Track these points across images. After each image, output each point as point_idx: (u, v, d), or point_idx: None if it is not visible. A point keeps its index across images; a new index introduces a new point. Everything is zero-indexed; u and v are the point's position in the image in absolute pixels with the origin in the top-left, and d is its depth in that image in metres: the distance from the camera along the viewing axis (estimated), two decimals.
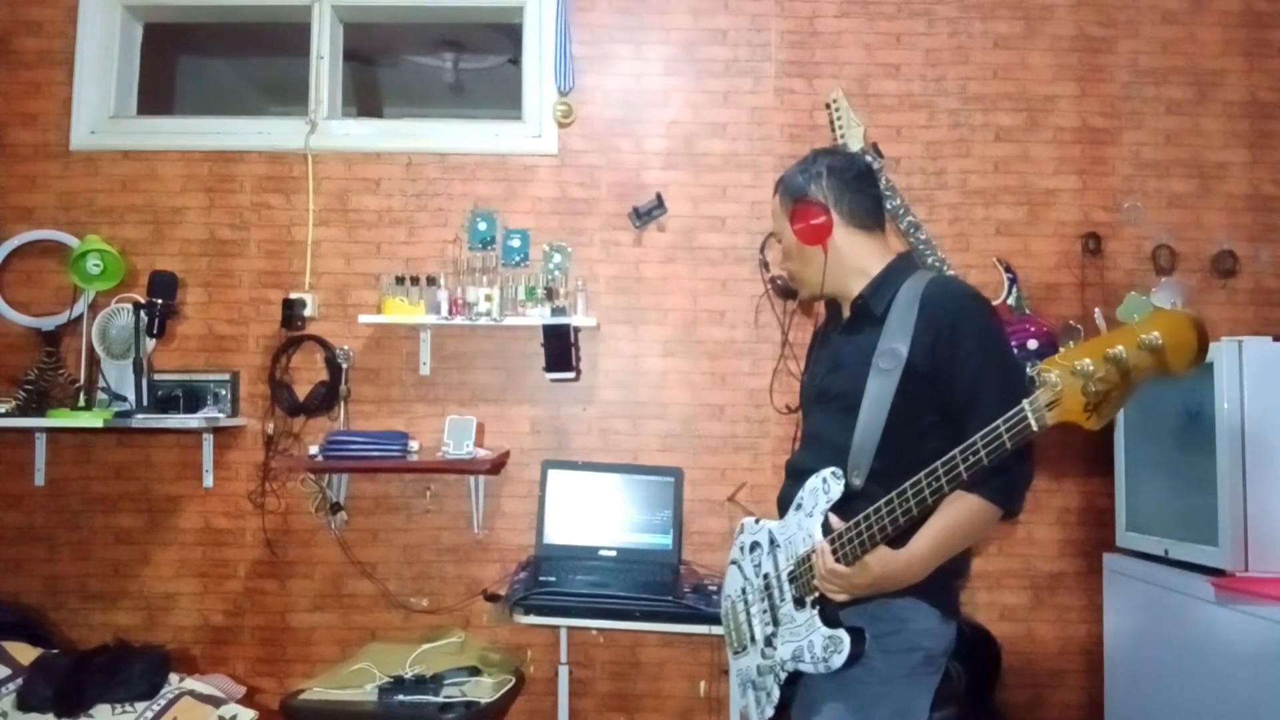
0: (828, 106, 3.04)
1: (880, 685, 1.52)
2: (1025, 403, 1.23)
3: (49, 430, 2.97)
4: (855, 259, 1.68)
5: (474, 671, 2.55)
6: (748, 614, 1.70)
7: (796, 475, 1.64)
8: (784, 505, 1.66)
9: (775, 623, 1.62)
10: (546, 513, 2.83)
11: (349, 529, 3.02)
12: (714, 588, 2.65)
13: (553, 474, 2.86)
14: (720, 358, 3.06)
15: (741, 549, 1.76)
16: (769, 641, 1.63)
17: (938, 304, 1.55)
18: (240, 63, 4.51)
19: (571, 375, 2.93)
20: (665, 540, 2.81)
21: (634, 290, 3.09)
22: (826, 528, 1.52)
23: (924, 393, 1.53)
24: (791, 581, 1.59)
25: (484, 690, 2.47)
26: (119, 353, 2.91)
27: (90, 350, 2.95)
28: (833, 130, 3.03)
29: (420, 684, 2.44)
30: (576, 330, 2.94)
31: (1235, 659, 2.18)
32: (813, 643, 1.51)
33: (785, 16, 3.13)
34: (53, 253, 3.06)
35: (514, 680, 2.62)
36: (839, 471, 1.53)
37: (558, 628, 2.82)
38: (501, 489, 3.04)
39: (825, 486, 1.54)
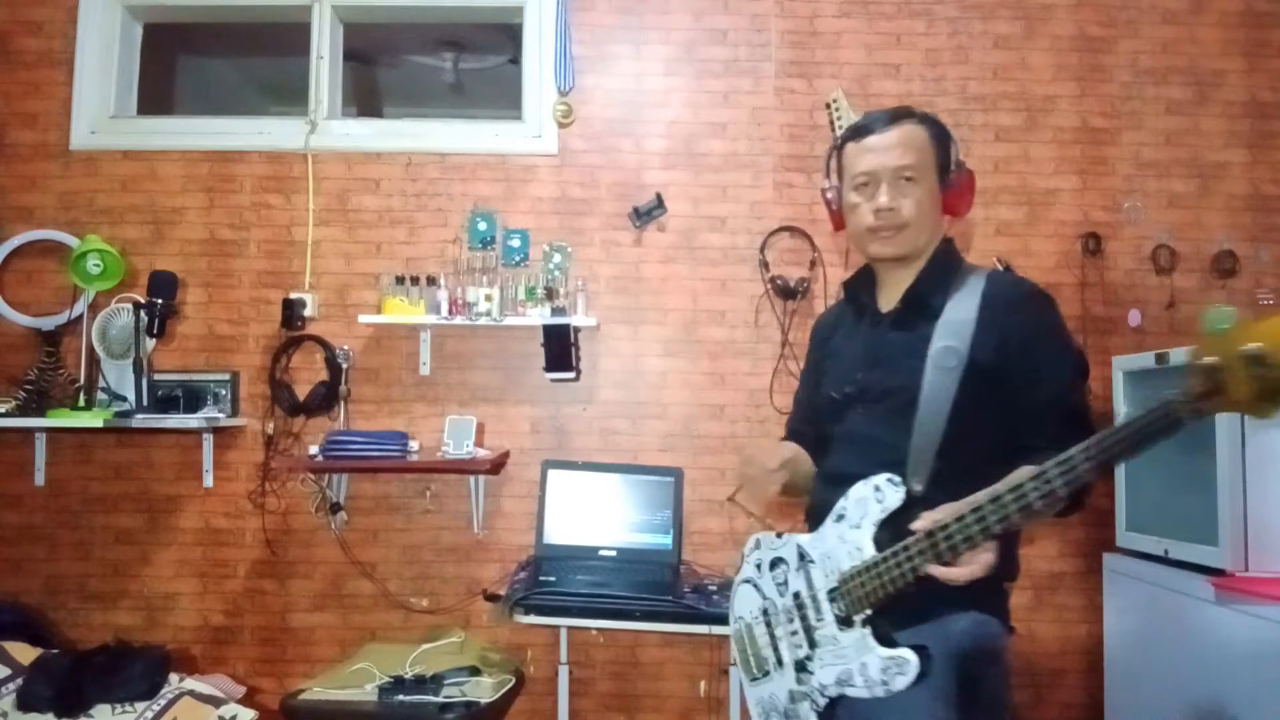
0: (828, 106, 3.04)
1: (944, 707, 1.38)
2: (1172, 394, 1.15)
3: (49, 430, 2.97)
4: (936, 240, 1.59)
5: (474, 671, 2.55)
6: (771, 637, 1.57)
7: (835, 482, 1.50)
8: (818, 515, 1.52)
9: (811, 644, 1.49)
10: (546, 513, 2.83)
11: (349, 529, 3.02)
12: (714, 588, 2.66)
13: (553, 474, 2.86)
14: (720, 358, 3.06)
15: (758, 566, 1.62)
16: (803, 666, 1.50)
17: (1006, 302, 1.49)
18: (240, 63, 4.51)
19: (571, 375, 2.93)
20: (665, 540, 2.81)
21: (634, 290, 3.09)
22: (878, 540, 1.40)
23: (985, 392, 1.44)
24: (833, 600, 1.45)
25: (484, 690, 2.47)
26: (119, 353, 2.91)
27: (90, 350, 2.95)
28: (833, 130, 3.03)
29: (420, 684, 2.44)
30: (576, 330, 2.94)
31: (1235, 659, 2.18)
32: (866, 665, 1.39)
33: (785, 16, 3.13)
34: (53, 253, 3.06)
35: (514, 680, 2.61)
36: (896, 478, 1.40)
37: (558, 628, 2.82)
38: (501, 489, 3.04)
39: (879, 495, 1.41)
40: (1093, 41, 3.12)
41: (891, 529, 1.40)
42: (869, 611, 1.40)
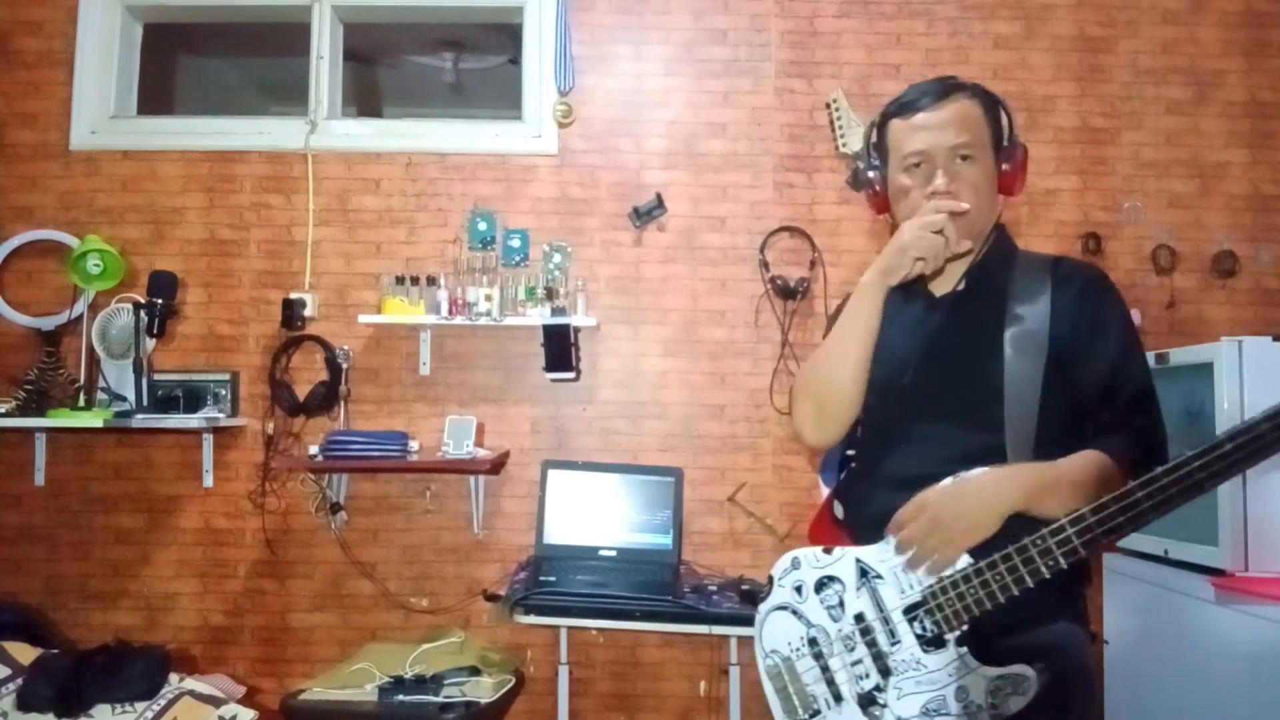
0: (828, 106, 3.04)
1: None
2: None
3: (49, 430, 2.97)
4: (992, 221, 1.46)
5: (474, 671, 2.55)
6: (824, 669, 1.39)
7: (903, 486, 1.35)
8: (876, 521, 1.38)
9: (884, 673, 1.32)
10: (546, 513, 2.83)
11: (349, 529, 3.02)
12: (714, 588, 2.66)
13: (553, 474, 2.86)
14: (720, 358, 3.06)
15: (798, 589, 1.43)
16: (871, 699, 1.33)
17: (1078, 286, 1.41)
18: (240, 63, 4.51)
19: (571, 375, 2.93)
20: (665, 540, 2.81)
21: (634, 290, 3.09)
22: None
23: (1063, 378, 1.35)
24: (914, 619, 1.31)
25: (484, 690, 2.47)
26: (119, 353, 2.91)
27: (90, 350, 2.95)
28: (833, 130, 3.03)
29: (420, 684, 2.45)
30: (576, 330, 2.94)
31: (1235, 659, 2.18)
32: (966, 689, 1.25)
33: (785, 16, 3.13)
34: (53, 253, 3.06)
35: (514, 680, 2.62)
36: None
37: (558, 628, 2.81)
38: (501, 489, 3.04)
39: None
40: (1093, 41, 3.12)
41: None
42: (964, 628, 1.27)
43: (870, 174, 1.52)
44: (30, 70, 3.13)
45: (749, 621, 1.60)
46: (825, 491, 1.68)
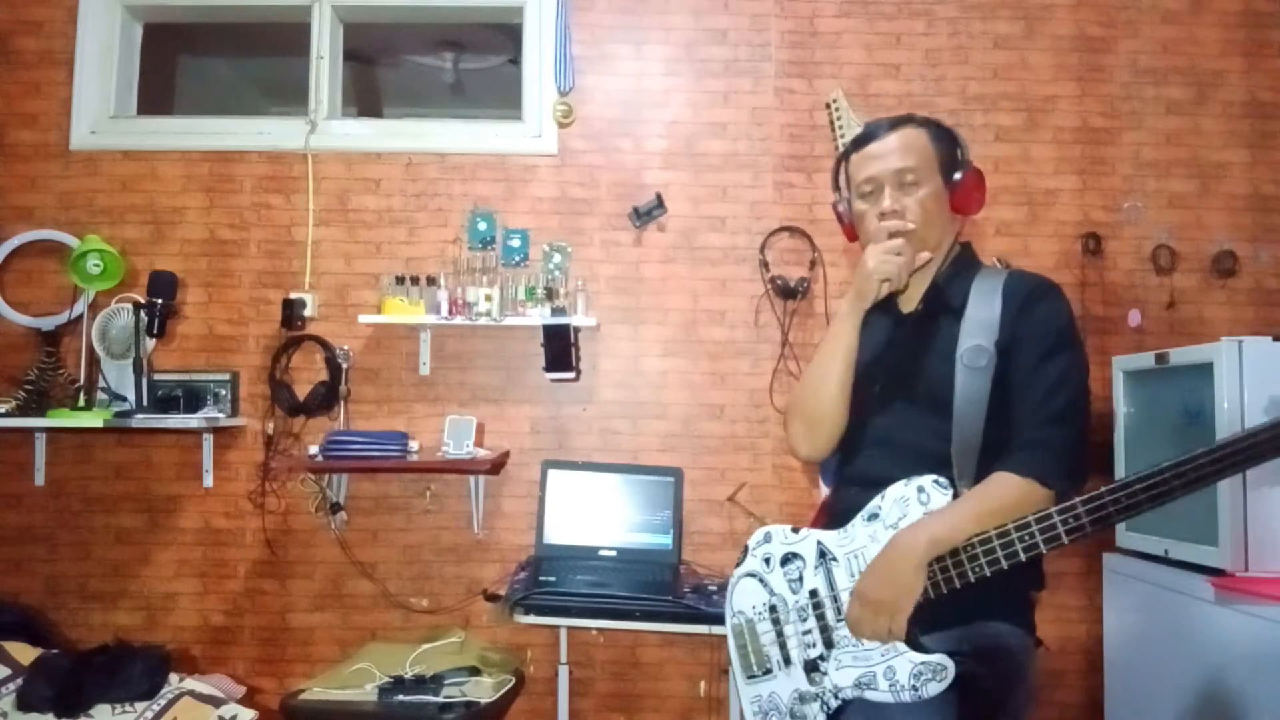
0: (828, 106, 3.03)
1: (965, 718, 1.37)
2: None
3: (49, 430, 2.97)
4: (949, 239, 1.58)
5: (474, 671, 2.55)
6: (778, 634, 1.53)
7: (865, 485, 1.49)
8: (845, 516, 1.51)
9: (828, 645, 1.46)
10: (546, 513, 2.83)
11: (349, 529, 3.02)
12: (714, 588, 2.66)
13: (553, 474, 2.86)
14: (720, 358, 3.06)
15: (766, 561, 1.57)
16: (814, 666, 1.47)
17: (1020, 295, 1.48)
18: (240, 63, 4.51)
19: (571, 375, 2.93)
20: (665, 540, 2.81)
21: (634, 290, 3.09)
22: None
23: (1004, 389, 1.45)
24: None
25: (484, 690, 2.47)
26: (119, 353, 2.91)
27: (90, 350, 2.95)
28: (833, 130, 3.02)
29: (420, 684, 2.44)
30: (576, 330, 2.94)
31: (1235, 659, 2.18)
32: (893, 669, 1.37)
33: (785, 16, 3.13)
34: (53, 253, 3.06)
35: (514, 680, 2.61)
36: (944, 481, 1.41)
37: (558, 628, 2.82)
38: (501, 489, 3.04)
39: (923, 496, 1.41)
40: (1093, 41, 3.12)
41: None
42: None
43: (839, 206, 1.67)
44: (30, 70, 3.13)
45: None
46: (825, 492, 1.71)
